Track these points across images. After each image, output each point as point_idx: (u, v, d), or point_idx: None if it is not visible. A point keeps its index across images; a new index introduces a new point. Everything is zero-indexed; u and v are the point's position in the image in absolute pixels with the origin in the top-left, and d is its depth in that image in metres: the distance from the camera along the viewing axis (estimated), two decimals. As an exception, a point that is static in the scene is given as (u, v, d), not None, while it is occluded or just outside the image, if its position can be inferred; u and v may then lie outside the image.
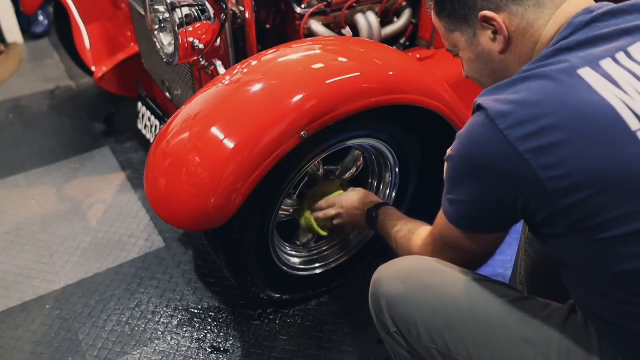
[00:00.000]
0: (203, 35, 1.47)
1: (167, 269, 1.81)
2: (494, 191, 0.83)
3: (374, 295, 1.04)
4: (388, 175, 1.62)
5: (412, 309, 0.97)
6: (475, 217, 0.89)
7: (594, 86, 0.78)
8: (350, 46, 1.43)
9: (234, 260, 1.42)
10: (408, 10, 1.90)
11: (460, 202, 0.89)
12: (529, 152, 0.77)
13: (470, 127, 0.85)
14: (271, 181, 1.27)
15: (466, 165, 0.86)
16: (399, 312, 0.99)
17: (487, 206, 0.86)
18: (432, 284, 0.97)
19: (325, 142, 1.33)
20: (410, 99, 1.36)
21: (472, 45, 0.96)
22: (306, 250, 1.65)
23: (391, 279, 1.02)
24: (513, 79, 0.84)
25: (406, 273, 1.01)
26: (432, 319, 0.95)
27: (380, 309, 1.02)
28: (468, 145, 0.85)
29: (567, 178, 0.76)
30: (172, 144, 1.26)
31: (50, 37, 3.63)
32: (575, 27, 0.84)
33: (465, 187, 0.87)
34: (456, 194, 0.89)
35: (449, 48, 1.02)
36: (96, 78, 2.33)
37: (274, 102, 1.22)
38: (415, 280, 0.99)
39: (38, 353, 1.55)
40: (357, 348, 1.53)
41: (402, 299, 0.98)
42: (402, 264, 1.05)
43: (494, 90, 0.85)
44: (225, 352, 1.54)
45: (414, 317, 0.96)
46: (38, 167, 2.36)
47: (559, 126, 0.76)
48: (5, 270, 1.84)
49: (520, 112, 0.79)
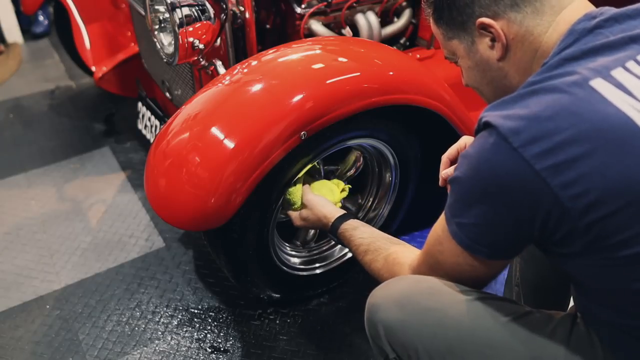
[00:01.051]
0: (203, 35, 1.47)
1: (167, 269, 1.81)
2: (509, 213, 0.79)
3: (370, 320, 0.99)
4: (388, 175, 1.62)
5: (411, 334, 0.93)
6: (490, 241, 0.84)
7: (608, 97, 0.75)
8: (350, 46, 1.43)
9: (234, 260, 1.42)
10: (408, 10, 1.90)
11: (472, 225, 0.83)
12: (546, 170, 0.73)
13: (479, 146, 0.80)
14: (271, 181, 1.27)
15: (477, 187, 0.80)
16: (398, 338, 0.94)
17: (503, 229, 0.81)
18: (430, 307, 0.93)
19: (325, 142, 1.33)
20: (410, 99, 1.36)
21: (470, 53, 0.94)
22: (306, 250, 1.65)
23: (387, 303, 0.97)
24: (520, 93, 0.80)
25: (403, 297, 0.96)
26: (433, 344, 0.91)
27: (377, 335, 0.98)
28: (479, 166, 0.79)
29: (586, 195, 0.73)
30: (172, 144, 1.26)
31: (50, 37, 3.63)
32: (578, 34, 0.82)
33: (477, 210, 0.82)
34: (467, 217, 0.83)
35: (447, 56, 1.00)
36: (96, 78, 2.33)
37: (274, 102, 1.22)
38: (413, 303, 0.94)
39: (38, 353, 1.55)
40: (357, 348, 1.53)
41: (400, 325, 0.94)
42: (398, 286, 0.99)
43: (500, 106, 0.81)
44: (225, 352, 1.54)
45: (414, 342, 0.92)
46: (38, 167, 2.36)
47: (575, 141, 0.73)
48: (5, 270, 1.84)
49: (533, 128, 0.75)
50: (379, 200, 1.67)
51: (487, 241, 0.84)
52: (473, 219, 0.83)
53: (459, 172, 0.83)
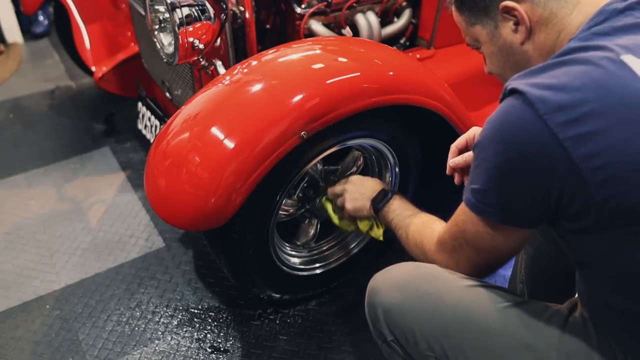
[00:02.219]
0: (203, 35, 1.47)
1: (167, 269, 1.81)
2: (526, 179, 0.78)
3: (370, 303, 1.02)
4: (388, 175, 1.62)
5: (408, 317, 0.95)
6: (505, 207, 0.83)
7: (639, 73, 0.74)
8: (350, 46, 1.43)
9: (234, 260, 1.42)
10: (408, 10, 1.90)
11: (490, 190, 0.83)
12: (569, 139, 0.73)
13: (503, 111, 0.79)
14: (271, 181, 1.27)
15: (498, 152, 0.80)
16: (396, 320, 0.97)
17: (520, 196, 0.81)
18: (428, 292, 0.95)
19: (325, 142, 1.33)
20: (410, 99, 1.36)
21: (493, 38, 0.93)
22: (306, 250, 1.65)
23: (387, 287, 0.99)
24: (548, 63, 0.80)
25: (402, 281, 0.99)
26: (430, 327, 0.93)
27: (376, 317, 1.00)
28: (502, 131, 0.79)
29: (606, 169, 0.73)
30: (172, 144, 1.26)
31: (50, 37, 3.63)
32: (609, 14, 0.82)
33: (495, 175, 0.81)
34: (485, 182, 0.83)
35: (469, 43, 1.00)
36: (96, 78, 2.33)
37: (274, 102, 1.22)
38: (412, 288, 0.97)
39: (38, 353, 1.55)
40: (357, 348, 1.53)
41: (399, 308, 0.96)
42: (398, 271, 1.02)
43: (528, 75, 0.80)
44: (225, 352, 1.54)
45: (411, 325, 0.95)
46: (38, 167, 2.36)
47: (599, 113, 0.73)
48: (5, 270, 1.84)
49: (561, 97, 0.74)
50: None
51: (497, 203, 0.83)
52: (491, 184, 0.82)
53: (481, 137, 0.83)
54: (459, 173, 1.16)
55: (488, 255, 0.92)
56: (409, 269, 1.01)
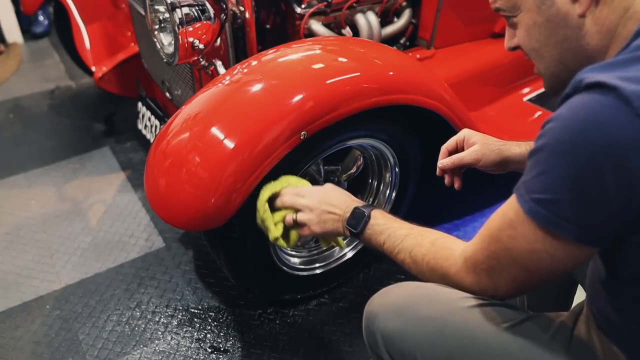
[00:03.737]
0: (203, 35, 1.47)
1: (167, 269, 1.81)
2: (616, 190, 0.65)
3: (368, 329, 0.95)
4: (388, 175, 1.62)
5: (410, 343, 0.89)
6: (584, 223, 0.69)
7: None
8: (350, 46, 1.43)
9: (234, 260, 1.42)
10: (408, 10, 1.90)
11: (565, 202, 0.68)
12: None
13: (584, 108, 0.66)
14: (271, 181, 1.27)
15: (579, 157, 0.66)
16: (397, 346, 0.91)
17: (601, 208, 0.67)
18: (429, 316, 0.89)
19: (325, 142, 1.33)
20: (410, 99, 1.36)
21: (543, 6, 0.80)
22: (306, 250, 1.65)
23: (386, 312, 0.93)
24: (632, 57, 0.69)
25: (401, 305, 0.93)
26: (432, 353, 0.88)
27: (375, 343, 0.95)
28: (586, 132, 0.65)
29: None
30: (172, 144, 1.26)
31: (50, 37, 3.63)
32: None
33: (571, 183, 0.67)
34: (554, 191, 0.69)
35: (500, 7, 0.86)
36: (96, 78, 2.33)
37: (274, 102, 1.22)
38: (412, 312, 0.91)
39: (38, 353, 1.55)
40: (357, 348, 1.53)
41: (400, 333, 0.91)
42: (396, 294, 0.96)
43: (607, 68, 0.69)
44: (225, 352, 1.54)
45: (413, 351, 0.89)
46: (38, 167, 2.36)
47: None
48: (5, 270, 1.84)
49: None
50: (379, 200, 1.67)
51: (574, 218, 0.69)
52: (563, 193, 0.68)
53: (548, 139, 0.69)
54: (449, 174, 1.14)
55: (541, 275, 0.79)
56: (408, 290, 0.95)
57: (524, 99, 2.10)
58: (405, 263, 0.97)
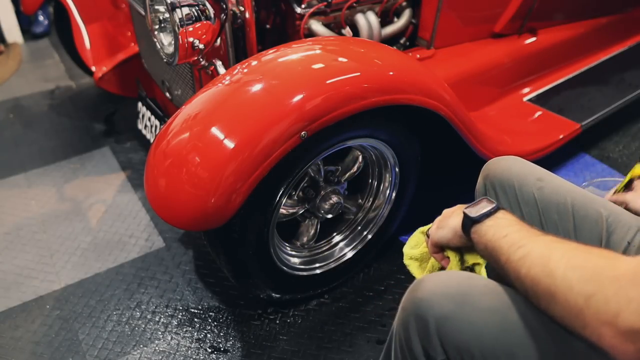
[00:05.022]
0: (203, 35, 1.47)
1: (167, 269, 1.81)
2: None
3: (419, 317, 0.86)
4: (388, 175, 1.62)
5: (468, 334, 0.82)
6: None
7: None
8: (350, 46, 1.43)
9: (234, 260, 1.42)
10: (408, 10, 1.90)
11: None
12: None
13: None
14: (271, 181, 1.27)
15: None
16: (453, 337, 0.83)
17: None
18: (491, 307, 0.83)
19: (325, 142, 1.33)
20: (410, 99, 1.36)
21: None
22: (306, 250, 1.65)
23: (443, 299, 0.85)
24: None
25: (459, 293, 0.85)
26: (493, 348, 0.81)
27: (426, 332, 0.85)
28: None
29: None
30: (172, 144, 1.26)
31: (50, 37, 3.63)
32: None
33: None
34: None
35: None
36: (96, 78, 2.33)
37: (274, 102, 1.22)
38: (472, 302, 0.84)
39: (38, 353, 1.55)
40: (357, 348, 1.53)
41: (457, 323, 0.83)
42: (448, 281, 0.88)
43: None
44: (225, 352, 1.54)
45: (470, 344, 0.82)
46: (38, 167, 2.36)
47: None
48: (5, 270, 1.84)
49: None
50: (379, 200, 1.67)
51: None
52: None
53: None
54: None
55: None
56: (460, 279, 0.88)
57: (524, 99, 2.10)
58: (528, 259, 0.79)
